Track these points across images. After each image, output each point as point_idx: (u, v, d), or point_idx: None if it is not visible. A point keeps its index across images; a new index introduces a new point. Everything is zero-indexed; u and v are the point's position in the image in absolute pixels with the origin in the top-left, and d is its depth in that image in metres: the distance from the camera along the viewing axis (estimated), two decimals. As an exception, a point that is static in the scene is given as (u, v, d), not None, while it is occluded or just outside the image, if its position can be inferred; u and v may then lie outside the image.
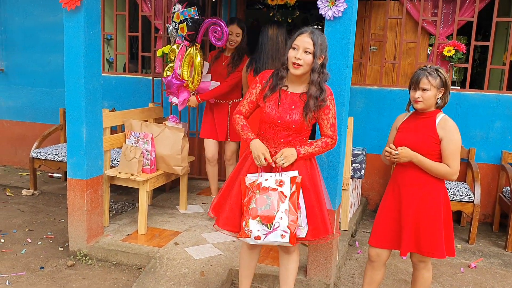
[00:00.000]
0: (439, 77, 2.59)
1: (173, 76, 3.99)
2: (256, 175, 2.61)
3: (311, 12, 8.14)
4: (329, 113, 2.60)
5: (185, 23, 3.90)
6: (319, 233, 2.62)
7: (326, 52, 2.58)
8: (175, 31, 4.02)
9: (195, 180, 5.56)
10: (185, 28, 3.92)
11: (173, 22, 3.99)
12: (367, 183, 5.14)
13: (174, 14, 3.98)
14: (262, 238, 2.50)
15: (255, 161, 2.60)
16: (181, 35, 3.96)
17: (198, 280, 3.27)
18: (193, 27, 3.93)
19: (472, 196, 4.30)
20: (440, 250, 2.64)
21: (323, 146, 2.63)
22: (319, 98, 2.55)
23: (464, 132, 4.71)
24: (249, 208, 2.54)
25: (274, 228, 2.48)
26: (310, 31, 2.53)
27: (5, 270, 3.50)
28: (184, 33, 3.93)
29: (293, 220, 2.48)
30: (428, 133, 2.62)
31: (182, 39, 3.98)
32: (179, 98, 4.09)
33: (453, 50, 4.66)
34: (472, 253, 4.18)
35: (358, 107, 5.01)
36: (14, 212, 4.76)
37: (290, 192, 2.52)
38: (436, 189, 2.65)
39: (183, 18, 3.88)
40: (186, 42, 3.98)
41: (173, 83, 3.99)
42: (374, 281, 2.90)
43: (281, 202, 2.49)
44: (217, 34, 3.97)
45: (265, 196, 2.52)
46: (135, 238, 3.87)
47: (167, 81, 4.07)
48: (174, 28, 4.00)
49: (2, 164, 6.52)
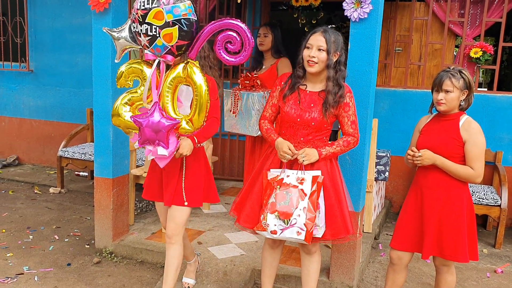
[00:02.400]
0: (462, 79, 2.56)
1: (159, 114, 2.41)
2: (279, 171, 2.62)
3: (334, 13, 8.11)
4: (349, 110, 2.60)
5: (176, 26, 2.33)
6: (339, 233, 2.61)
7: (341, 49, 2.60)
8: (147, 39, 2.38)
9: (219, 180, 5.60)
10: (175, 35, 2.35)
11: (143, 23, 2.36)
12: (391, 185, 5.10)
13: (146, 10, 2.33)
14: (278, 232, 2.51)
15: (281, 159, 2.62)
16: (162, 45, 2.37)
17: (221, 280, 3.29)
18: (189, 34, 2.39)
19: (498, 200, 4.23)
20: (463, 254, 2.61)
21: (345, 145, 2.62)
22: (338, 94, 2.56)
23: (491, 135, 4.64)
24: (269, 202, 2.56)
25: (291, 224, 2.49)
26: (323, 29, 2.58)
27: (34, 266, 3.59)
28: (172, 42, 2.37)
29: (311, 218, 2.49)
30: (451, 135, 2.59)
31: (161, 51, 2.40)
32: (169, 148, 2.47)
33: (480, 51, 4.59)
34: (499, 258, 4.10)
35: (382, 109, 4.97)
36: (42, 209, 4.88)
37: (311, 191, 2.52)
38: (459, 192, 2.62)
39: (174, 18, 2.32)
40: (169, 57, 2.43)
41: (163, 125, 2.40)
42: (396, 284, 2.88)
43: (301, 200, 2.51)
44: (233, 44, 2.43)
45: (285, 192, 2.54)
46: (159, 236, 3.92)
47: (149, 122, 2.40)
48: (140, 32, 2.38)
49: (30, 162, 6.69)
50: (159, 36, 2.34)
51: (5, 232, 4.21)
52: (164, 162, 2.59)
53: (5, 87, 6.61)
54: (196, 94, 2.40)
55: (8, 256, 3.74)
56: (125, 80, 2.54)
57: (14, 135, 6.69)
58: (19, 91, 6.55)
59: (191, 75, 2.40)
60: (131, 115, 2.50)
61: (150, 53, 2.44)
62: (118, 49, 2.57)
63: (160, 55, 2.42)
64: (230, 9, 5.44)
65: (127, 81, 2.54)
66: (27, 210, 4.83)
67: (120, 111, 2.53)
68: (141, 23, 2.35)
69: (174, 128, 2.43)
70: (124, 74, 2.52)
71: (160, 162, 2.58)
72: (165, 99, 2.44)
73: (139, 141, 2.50)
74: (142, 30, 2.37)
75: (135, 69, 2.51)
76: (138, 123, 2.45)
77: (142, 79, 2.51)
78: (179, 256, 2.84)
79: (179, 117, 2.44)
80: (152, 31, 2.34)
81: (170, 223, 2.81)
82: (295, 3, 5.06)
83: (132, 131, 2.55)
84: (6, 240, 4.05)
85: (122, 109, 2.53)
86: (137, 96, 2.53)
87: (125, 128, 2.56)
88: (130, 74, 2.52)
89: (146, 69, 2.49)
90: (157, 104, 2.43)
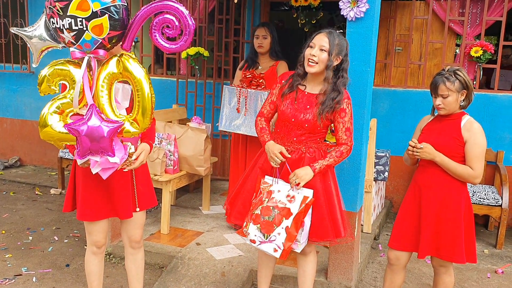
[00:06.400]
0: (457, 80, 2.53)
1: (98, 118, 2.07)
2: (272, 180, 2.62)
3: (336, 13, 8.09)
4: (345, 116, 2.58)
5: (105, 16, 2.01)
6: (326, 235, 2.59)
7: (345, 55, 2.58)
8: (72, 34, 2.04)
9: (218, 181, 5.60)
10: (106, 26, 2.03)
11: (64, 17, 2.01)
12: (391, 185, 5.08)
13: (67, 1, 1.99)
14: (256, 243, 2.54)
15: (271, 162, 2.61)
16: (92, 40, 2.05)
17: (219, 281, 3.29)
18: (120, 22, 2.08)
19: (500, 200, 4.20)
20: (459, 255, 2.59)
21: (338, 155, 2.59)
22: (335, 100, 2.54)
23: (492, 134, 4.61)
24: (253, 213, 2.56)
25: (270, 240, 2.50)
26: (329, 31, 2.57)
27: (32, 267, 3.60)
28: (103, 35, 2.05)
29: (291, 238, 2.48)
30: (453, 135, 2.58)
31: (91, 46, 2.07)
32: (116, 155, 2.15)
33: (481, 50, 4.55)
34: (500, 258, 4.07)
35: (382, 108, 4.95)
36: (42, 210, 4.88)
37: (298, 211, 2.51)
38: (457, 192, 2.60)
39: (101, 7, 2.00)
40: (101, 52, 2.10)
41: (105, 130, 2.06)
42: (394, 285, 2.86)
43: (285, 219, 2.50)
44: (171, 29, 2.12)
45: (272, 208, 2.53)
46: (158, 237, 3.92)
47: (89, 129, 2.05)
48: (63, 27, 2.04)
49: (32, 163, 6.71)
50: (87, 30, 2.00)
51: (5, 233, 4.22)
52: (108, 173, 2.23)
53: (7, 88, 6.63)
54: (137, 89, 2.09)
55: (7, 257, 3.75)
56: (48, 86, 2.16)
57: (16, 137, 6.71)
58: (21, 92, 6.56)
59: (128, 69, 2.08)
60: (63, 125, 2.11)
61: (78, 51, 2.10)
62: (34, 51, 2.25)
63: (90, 51, 2.09)
64: (230, 9, 5.43)
65: (51, 86, 2.17)
66: (27, 211, 4.85)
67: (48, 121, 2.12)
68: (62, 17, 2.00)
69: (118, 132, 2.11)
70: (47, 78, 2.15)
71: (104, 173, 2.23)
72: (101, 100, 2.10)
73: (78, 153, 2.11)
74: (64, 25, 2.01)
75: (60, 71, 2.14)
76: (74, 132, 2.06)
77: (70, 81, 2.15)
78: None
79: (121, 118, 2.12)
80: (78, 25, 2.00)
81: (136, 230, 2.69)
82: (295, 3, 5.04)
83: (66, 143, 2.20)
84: (6, 241, 4.06)
85: (51, 119, 2.12)
86: (66, 102, 2.15)
87: (58, 141, 2.17)
88: (54, 78, 2.16)
89: (74, 70, 2.14)
90: (94, 106, 2.08)
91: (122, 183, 2.51)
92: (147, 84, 2.09)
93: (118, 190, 2.51)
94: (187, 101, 5.59)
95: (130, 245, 2.74)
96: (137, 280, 2.81)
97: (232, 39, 5.50)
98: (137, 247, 2.75)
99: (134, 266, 2.79)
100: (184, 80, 5.61)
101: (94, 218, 2.54)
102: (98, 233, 2.62)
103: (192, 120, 4.55)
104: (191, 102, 5.62)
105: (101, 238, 2.64)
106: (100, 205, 2.52)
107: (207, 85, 5.59)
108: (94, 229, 2.60)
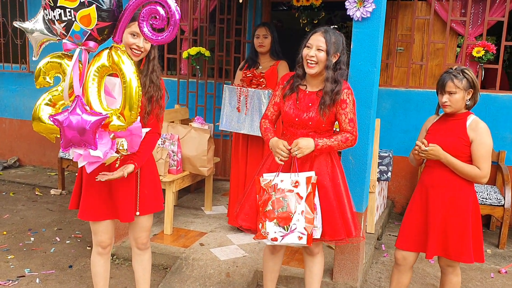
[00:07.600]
0: (465, 79, 2.54)
1: (82, 110, 2.03)
2: (272, 175, 2.59)
3: (335, 13, 8.09)
4: (346, 107, 2.56)
5: (93, 6, 1.97)
6: (338, 234, 2.57)
7: (342, 50, 2.57)
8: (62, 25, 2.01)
9: (220, 181, 5.59)
10: (93, 16, 1.99)
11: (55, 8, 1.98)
12: (394, 185, 5.08)
13: None
14: (279, 239, 2.49)
15: (276, 158, 2.58)
16: (81, 31, 2.01)
17: (224, 281, 3.27)
18: (109, 13, 2.03)
19: (502, 200, 4.21)
20: (467, 255, 2.59)
21: (343, 140, 2.56)
22: (334, 91, 2.53)
23: (494, 134, 4.55)
24: (266, 210, 2.52)
25: (291, 230, 2.47)
26: (324, 30, 2.55)
27: (35, 268, 3.57)
28: (91, 26, 2.00)
29: (310, 221, 2.47)
30: (459, 135, 2.58)
31: (81, 38, 2.03)
32: (102, 149, 2.11)
33: (483, 50, 4.56)
34: (502, 258, 4.08)
35: (384, 108, 4.95)
36: (43, 211, 4.86)
37: (306, 193, 2.49)
38: (464, 192, 2.60)
39: None
40: (91, 43, 2.06)
41: (87, 122, 2.00)
42: (400, 285, 2.86)
43: (298, 204, 2.48)
44: (158, 20, 2.02)
45: (281, 198, 2.51)
46: (161, 238, 3.90)
47: (70, 121, 2.02)
48: (54, 19, 2.01)
49: (31, 164, 6.67)
50: (76, 20, 1.97)
51: (6, 234, 4.19)
52: (93, 166, 2.17)
53: (6, 88, 6.59)
54: (123, 81, 2.04)
55: (9, 258, 3.72)
56: (44, 78, 2.17)
57: (15, 137, 6.67)
58: (20, 92, 6.52)
59: (115, 61, 2.03)
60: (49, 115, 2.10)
61: (69, 42, 2.06)
62: (34, 44, 2.23)
63: (80, 42, 2.04)
64: (231, 9, 5.42)
65: (46, 79, 2.18)
66: (28, 212, 4.82)
67: (40, 113, 2.14)
68: (53, 8, 1.97)
69: (103, 125, 2.04)
70: (43, 71, 2.14)
71: (89, 167, 2.17)
72: (89, 92, 2.04)
73: (62, 144, 2.08)
74: (55, 16, 1.98)
75: (54, 64, 2.13)
76: (57, 123, 2.05)
77: (63, 74, 2.13)
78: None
79: (108, 111, 2.06)
80: (67, 15, 1.96)
81: (141, 233, 2.68)
82: (296, 3, 5.05)
83: (56, 135, 2.19)
84: (7, 242, 4.03)
85: (42, 111, 2.15)
86: (58, 94, 2.15)
87: (49, 134, 2.19)
88: (50, 71, 2.15)
89: (66, 62, 2.13)
90: (79, 98, 2.04)
91: (126, 185, 2.50)
92: (134, 78, 2.04)
93: (121, 192, 2.50)
94: (188, 101, 5.57)
95: (136, 246, 2.75)
96: (144, 280, 2.79)
97: (233, 39, 5.49)
98: (143, 248, 2.75)
99: (141, 267, 2.78)
100: (185, 80, 5.59)
101: (94, 218, 2.55)
102: (103, 233, 2.63)
103: (195, 120, 4.53)
104: (192, 102, 5.60)
105: (106, 239, 2.65)
106: (101, 206, 2.52)
107: (208, 85, 5.58)
108: (99, 230, 2.62)
